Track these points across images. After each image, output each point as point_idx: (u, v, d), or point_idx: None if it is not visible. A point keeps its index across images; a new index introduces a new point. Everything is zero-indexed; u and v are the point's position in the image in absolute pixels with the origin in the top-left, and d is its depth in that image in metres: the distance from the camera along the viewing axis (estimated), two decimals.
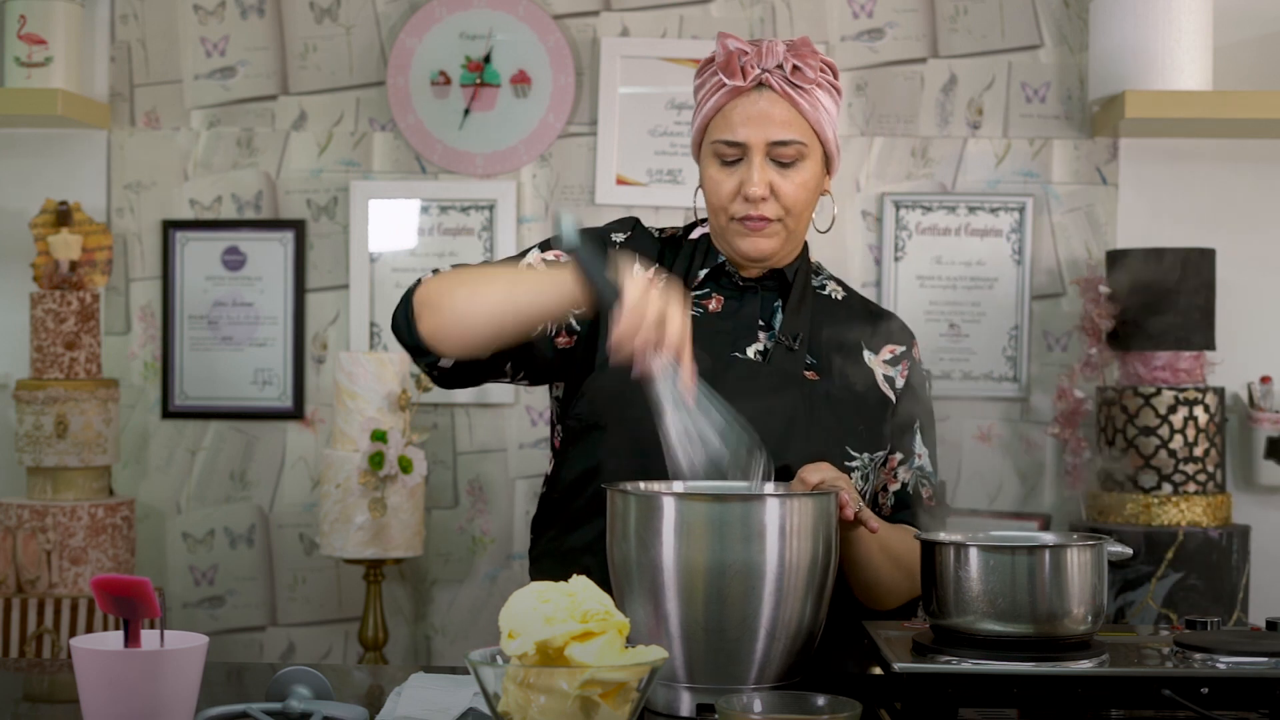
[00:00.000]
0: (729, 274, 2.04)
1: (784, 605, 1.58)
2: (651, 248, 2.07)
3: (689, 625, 1.58)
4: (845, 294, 2.13)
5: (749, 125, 1.94)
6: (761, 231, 1.96)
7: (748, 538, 1.57)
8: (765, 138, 1.93)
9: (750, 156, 1.95)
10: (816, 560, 1.61)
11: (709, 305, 2.03)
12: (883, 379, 2.05)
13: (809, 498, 1.62)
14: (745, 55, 1.95)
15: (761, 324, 2.02)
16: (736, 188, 1.96)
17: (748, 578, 1.57)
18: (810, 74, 1.94)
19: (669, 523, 1.59)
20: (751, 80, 1.94)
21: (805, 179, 1.96)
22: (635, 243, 2.06)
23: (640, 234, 2.08)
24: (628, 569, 1.62)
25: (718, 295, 2.03)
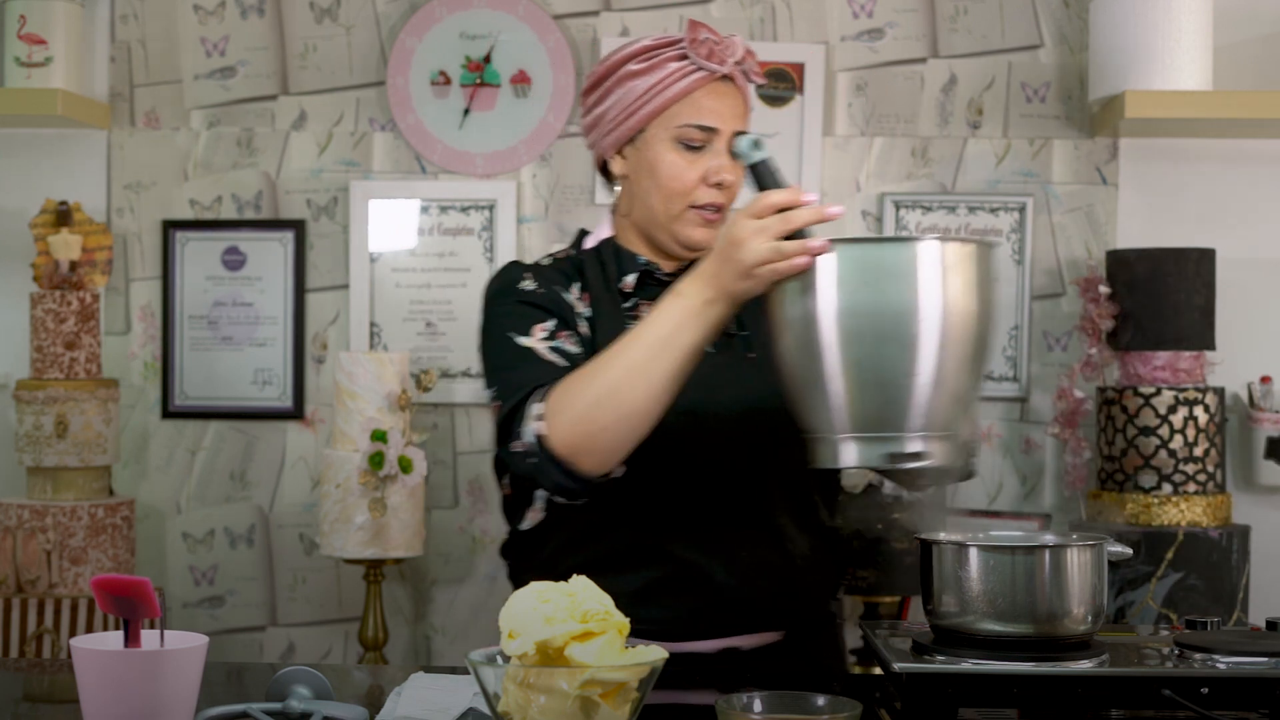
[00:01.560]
0: (650, 273, 2.03)
1: (945, 350, 1.54)
2: (559, 274, 2.04)
3: (849, 371, 1.54)
4: None
5: (721, 113, 1.97)
6: (714, 224, 1.98)
7: (905, 279, 1.53)
8: (733, 127, 1.98)
9: (716, 144, 1.97)
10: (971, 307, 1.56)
11: (640, 314, 2.01)
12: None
13: (969, 243, 1.57)
14: (718, 45, 1.98)
15: None
16: (701, 175, 1.97)
17: (906, 321, 1.53)
18: (759, 72, 2.02)
19: (826, 272, 1.56)
20: (725, 70, 1.98)
21: (743, 173, 1.97)
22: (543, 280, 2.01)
23: (539, 271, 2.04)
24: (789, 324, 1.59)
25: (644, 301, 2.02)
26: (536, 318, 1.96)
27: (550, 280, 2.02)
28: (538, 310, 1.98)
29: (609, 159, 2.06)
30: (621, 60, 2.00)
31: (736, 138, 1.72)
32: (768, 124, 3.31)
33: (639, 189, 2.02)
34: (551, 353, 1.92)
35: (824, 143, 3.32)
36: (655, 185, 1.99)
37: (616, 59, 2.01)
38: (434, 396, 3.32)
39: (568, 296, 2.01)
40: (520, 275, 2.03)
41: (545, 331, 1.95)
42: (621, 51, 2.01)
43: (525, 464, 1.83)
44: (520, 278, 2.02)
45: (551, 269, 2.05)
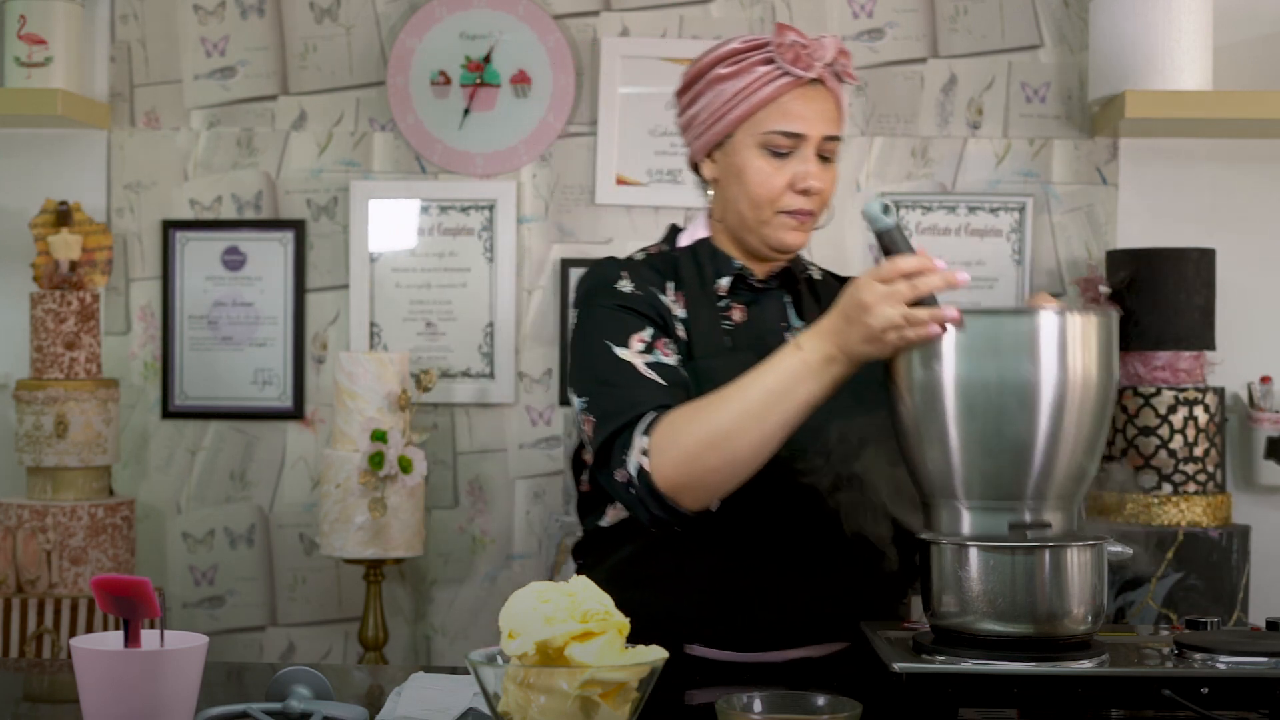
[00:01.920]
0: (744, 278, 2.02)
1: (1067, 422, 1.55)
2: (654, 274, 2.03)
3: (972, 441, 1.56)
4: (823, 272, 2.15)
5: (809, 118, 1.95)
6: (806, 225, 1.97)
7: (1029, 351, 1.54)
8: (821, 132, 1.95)
9: (804, 150, 1.95)
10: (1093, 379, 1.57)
11: (733, 317, 2.01)
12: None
13: (1092, 314, 1.58)
14: (807, 48, 1.95)
15: (785, 324, 2.02)
16: (789, 180, 1.95)
17: (1029, 392, 1.54)
18: (852, 73, 1.99)
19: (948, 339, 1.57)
20: (813, 73, 1.95)
21: (835, 174, 2.00)
22: (639, 280, 2.00)
23: (635, 269, 2.02)
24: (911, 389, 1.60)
25: (737, 305, 2.02)
26: (634, 325, 1.94)
27: (646, 280, 2.00)
28: (635, 316, 1.95)
29: (700, 162, 2.06)
30: (712, 62, 1.98)
31: (867, 203, 1.68)
32: None
33: (729, 194, 2.01)
34: (649, 369, 1.90)
35: None
36: (743, 191, 1.98)
37: (707, 61, 1.99)
38: (434, 396, 3.32)
39: (664, 298, 1.99)
40: (617, 274, 2.00)
41: (642, 343, 1.93)
42: (713, 53, 1.99)
43: (625, 494, 1.84)
44: (617, 276, 2.00)
45: (646, 266, 2.03)
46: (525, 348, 3.35)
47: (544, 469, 3.34)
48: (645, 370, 1.89)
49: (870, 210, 1.67)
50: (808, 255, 2.22)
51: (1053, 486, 1.58)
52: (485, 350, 3.34)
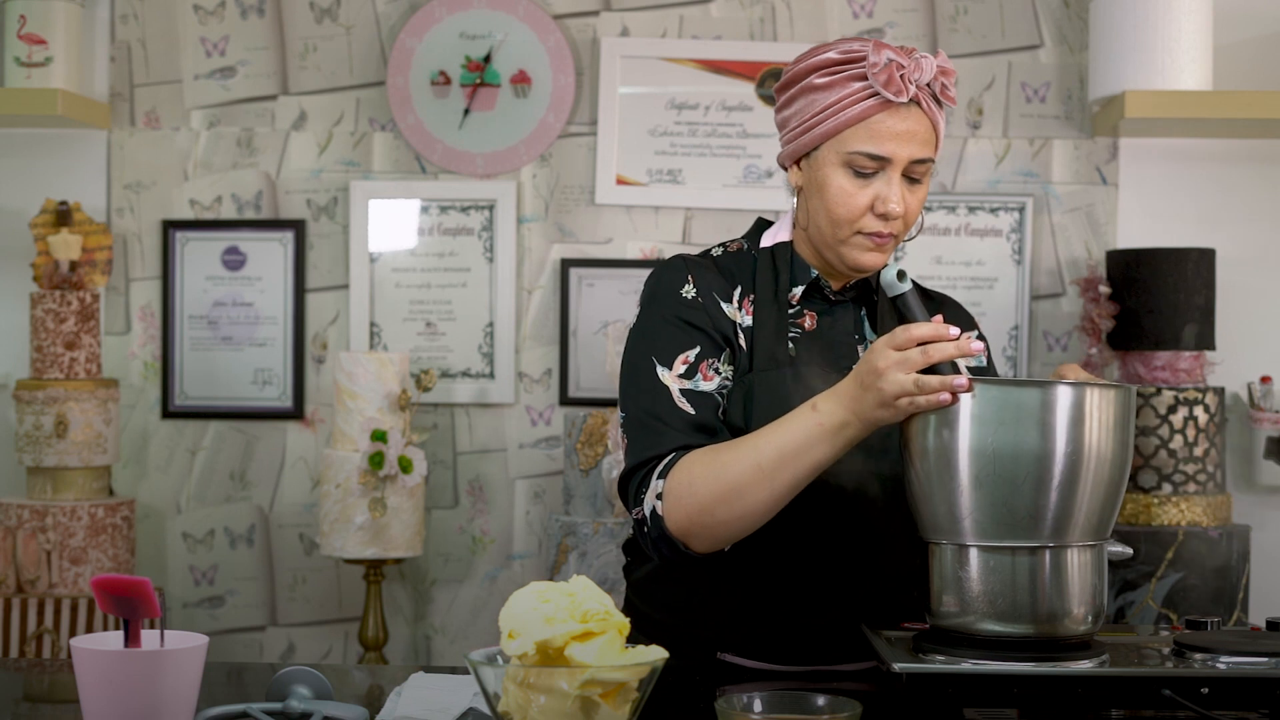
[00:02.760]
0: (820, 288, 1.99)
1: (1080, 492, 1.55)
2: (720, 277, 2.00)
3: (982, 507, 1.55)
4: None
5: (897, 141, 1.89)
6: (883, 247, 1.92)
7: (1044, 423, 1.54)
8: (910, 155, 1.90)
9: (890, 172, 1.90)
10: (1107, 453, 1.57)
11: (804, 324, 1.98)
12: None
13: (1109, 388, 1.57)
14: (902, 69, 1.88)
15: (859, 337, 1.99)
16: (869, 202, 1.90)
17: (1042, 463, 1.54)
18: (952, 93, 1.92)
19: (965, 407, 1.57)
20: (905, 97, 1.88)
21: (923, 196, 1.94)
22: (705, 285, 1.98)
23: (701, 272, 2.00)
24: (924, 454, 1.60)
25: (809, 312, 1.99)
26: (683, 342, 1.93)
27: (711, 285, 1.98)
28: (687, 330, 1.94)
29: (787, 168, 2.02)
30: (808, 70, 1.93)
31: (883, 269, 1.66)
32: (768, 124, 3.31)
33: (811, 205, 1.97)
34: (683, 399, 1.90)
35: None
36: (823, 206, 1.94)
37: (805, 66, 1.94)
38: (434, 396, 3.32)
39: (727, 306, 1.97)
40: (683, 278, 1.98)
41: (685, 364, 1.92)
42: (813, 58, 1.93)
43: (639, 531, 1.87)
44: (682, 282, 1.98)
45: (718, 269, 2.01)
46: (525, 348, 3.35)
47: (544, 469, 3.35)
48: (679, 400, 1.90)
49: (886, 277, 1.67)
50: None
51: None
52: (485, 350, 3.34)
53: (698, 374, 1.92)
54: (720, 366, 1.94)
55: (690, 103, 3.32)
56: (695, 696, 1.66)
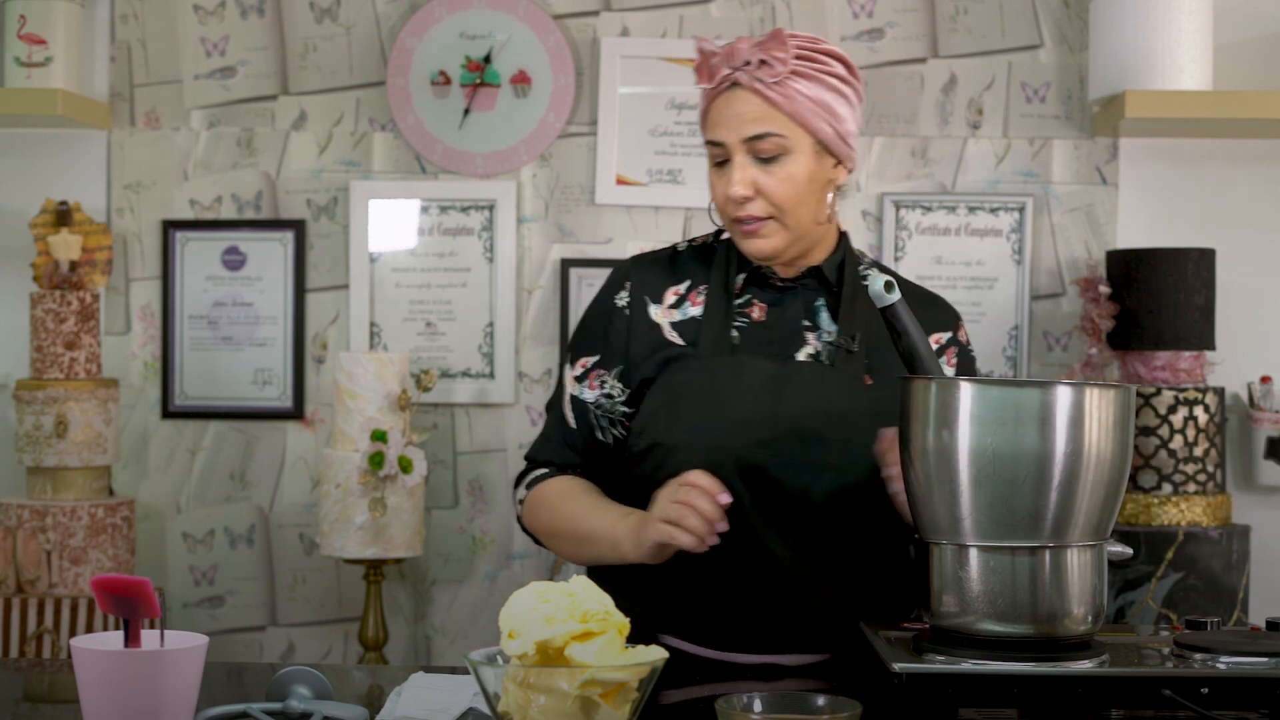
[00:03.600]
0: (767, 276, 2.02)
1: (1079, 492, 1.55)
2: (664, 274, 2.06)
3: (981, 507, 1.55)
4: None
5: (724, 124, 1.94)
6: (758, 231, 1.94)
7: (1042, 423, 1.54)
8: (740, 135, 1.93)
9: (732, 156, 1.94)
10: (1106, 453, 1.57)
11: (752, 314, 2.01)
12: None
13: (1109, 388, 1.58)
14: (715, 57, 1.95)
15: (807, 324, 2.00)
16: (726, 189, 1.95)
17: (1041, 463, 1.53)
18: (780, 67, 1.91)
19: (964, 408, 1.56)
20: (719, 81, 1.94)
21: (791, 172, 1.93)
22: (638, 289, 2.05)
23: (640, 274, 2.07)
24: (924, 455, 1.60)
25: (759, 302, 2.01)
26: (589, 348, 2.07)
27: (649, 288, 2.05)
28: (598, 337, 2.06)
29: None
30: None
31: (871, 280, 1.68)
32: None
33: None
34: (569, 406, 2.07)
35: None
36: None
37: None
38: (434, 396, 3.32)
39: (655, 310, 2.03)
40: (621, 283, 2.07)
41: (583, 369, 2.06)
42: None
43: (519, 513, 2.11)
44: (618, 288, 2.07)
45: (672, 264, 2.07)
46: (525, 348, 3.35)
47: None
48: (567, 406, 2.07)
49: (874, 288, 1.67)
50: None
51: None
52: (485, 350, 3.34)
53: (586, 381, 2.05)
54: (609, 381, 2.03)
55: (690, 103, 3.32)
56: (695, 696, 1.66)
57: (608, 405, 2.03)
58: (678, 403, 1.94)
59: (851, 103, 2.00)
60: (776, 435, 1.91)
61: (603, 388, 2.04)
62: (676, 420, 1.93)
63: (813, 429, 1.90)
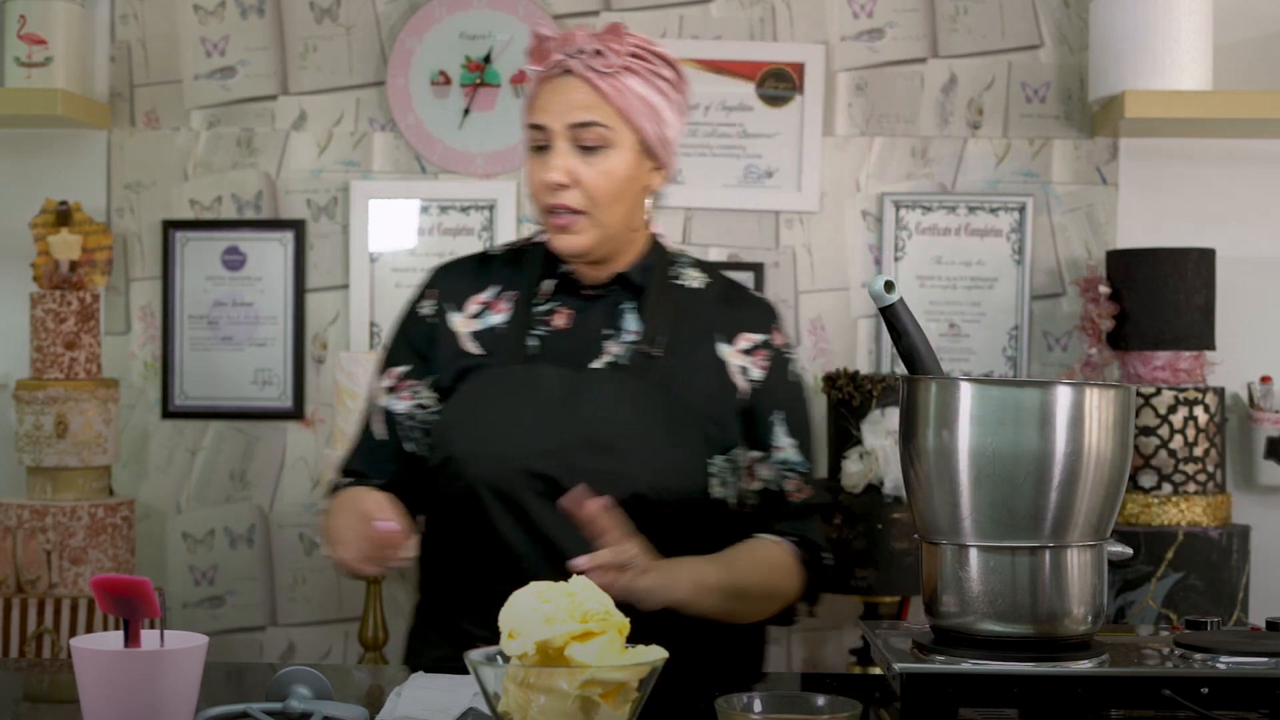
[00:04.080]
0: (576, 282, 1.98)
1: (1079, 492, 1.54)
2: (470, 281, 2.02)
3: (979, 510, 1.55)
4: (707, 281, 2.05)
5: (550, 108, 1.91)
6: (570, 228, 1.91)
7: (1042, 423, 1.53)
8: (565, 120, 1.90)
9: (554, 141, 1.90)
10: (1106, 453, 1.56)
11: (555, 322, 1.97)
12: (737, 370, 1.99)
13: (1109, 388, 1.56)
14: (550, 41, 1.94)
15: (611, 332, 1.96)
16: (544, 175, 1.91)
17: (1041, 463, 1.53)
18: (614, 59, 1.91)
19: (964, 408, 1.56)
20: (552, 65, 1.92)
21: (611, 166, 1.90)
22: (445, 298, 2.03)
23: (445, 282, 2.04)
24: (923, 455, 1.59)
25: (565, 309, 1.98)
26: (398, 358, 2.05)
27: (454, 295, 2.02)
28: (406, 346, 2.04)
29: None
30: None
31: (872, 279, 1.67)
32: (768, 124, 3.31)
33: None
34: (376, 416, 2.05)
35: (824, 143, 3.32)
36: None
37: None
38: None
39: (456, 318, 2.00)
40: (425, 293, 2.05)
41: (392, 380, 2.04)
42: None
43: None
44: (423, 296, 2.05)
45: (456, 279, 2.04)
46: None
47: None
48: (375, 417, 2.05)
49: (874, 288, 1.67)
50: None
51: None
52: None
53: (396, 392, 2.03)
54: (422, 390, 2.01)
55: (690, 103, 3.31)
56: (696, 696, 1.66)
57: (421, 415, 2.01)
58: (470, 415, 1.92)
59: (678, 109, 1.98)
60: (567, 445, 1.87)
61: (415, 398, 2.01)
62: (468, 433, 1.91)
63: (604, 438, 1.86)
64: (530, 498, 1.87)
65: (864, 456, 2.98)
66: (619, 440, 1.87)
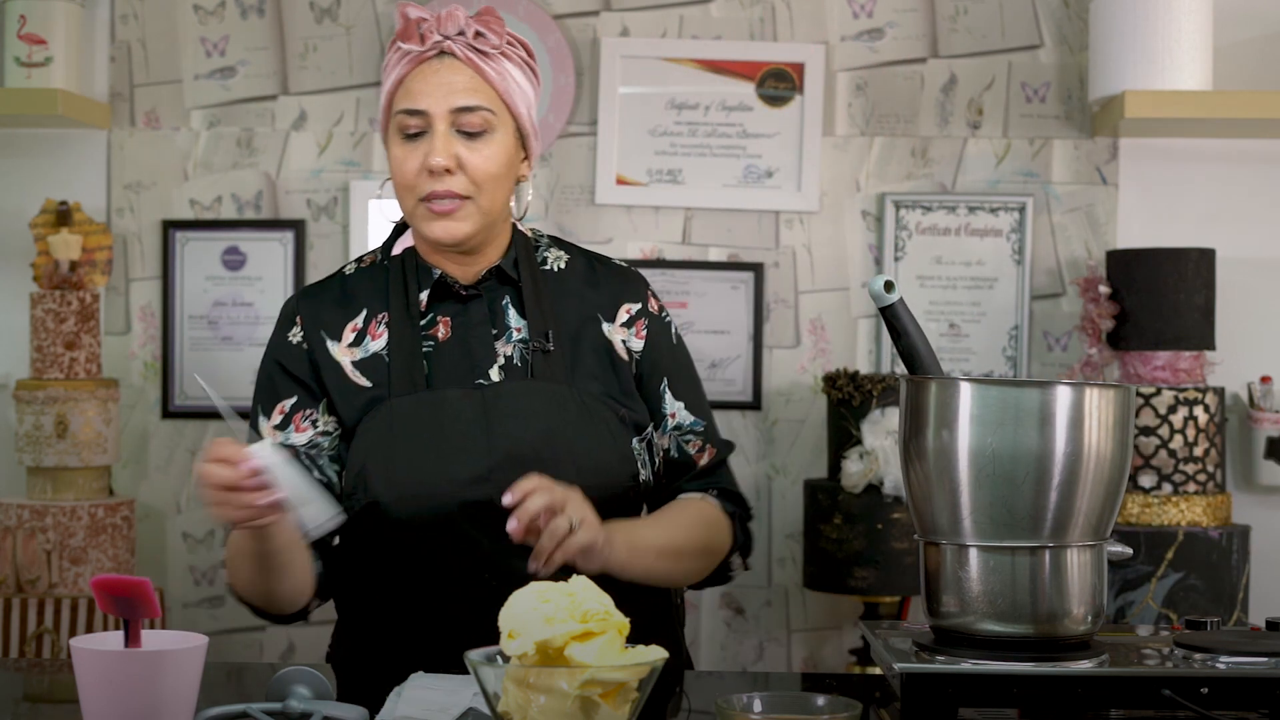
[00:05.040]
0: (448, 286, 1.90)
1: (1079, 492, 1.54)
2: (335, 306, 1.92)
3: (979, 510, 1.55)
4: (568, 259, 1.99)
5: (430, 93, 1.83)
6: (452, 214, 1.84)
7: (1042, 423, 1.53)
8: (448, 105, 1.83)
9: (434, 126, 1.83)
10: (1106, 453, 1.56)
11: (437, 334, 1.89)
12: (621, 346, 1.93)
13: (1109, 388, 1.57)
14: (425, 22, 1.85)
15: (494, 331, 1.89)
16: (421, 163, 1.83)
17: (1041, 463, 1.53)
18: (495, 40, 1.86)
19: (964, 408, 1.56)
20: (431, 46, 1.84)
21: (494, 151, 1.85)
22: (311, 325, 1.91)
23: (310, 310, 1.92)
24: (924, 455, 1.59)
25: (443, 318, 1.90)
26: (278, 393, 1.91)
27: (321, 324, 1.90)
28: (286, 379, 1.91)
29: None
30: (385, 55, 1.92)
31: (871, 279, 1.62)
32: (768, 124, 3.31)
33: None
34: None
35: (824, 143, 3.32)
36: (394, 183, 1.89)
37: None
38: None
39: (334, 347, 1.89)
40: (291, 321, 1.93)
41: (281, 415, 1.90)
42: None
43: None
44: (290, 325, 1.93)
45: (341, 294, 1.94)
46: None
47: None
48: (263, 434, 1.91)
49: (873, 288, 1.66)
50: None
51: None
52: None
53: (290, 425, 1.89)
54: (319, 418, 1.89)
55: (690, 103, 3.32)
56: (696, 697, 1.66)
57: (326, 444, 1.89)
58: (383, 456, 1.81)
59: (536, 98, 1.93)
60: (494, 466, 1.80)
61: (316, 427, 1.89)
62: (389, 474, 1.81)
63: (528, 449, 1.80)
64: (470, 528, 1.80)
65: (864, 456, 2.98)
66: (543, 449, 1.81)
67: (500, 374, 1.87)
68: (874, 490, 2.99)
